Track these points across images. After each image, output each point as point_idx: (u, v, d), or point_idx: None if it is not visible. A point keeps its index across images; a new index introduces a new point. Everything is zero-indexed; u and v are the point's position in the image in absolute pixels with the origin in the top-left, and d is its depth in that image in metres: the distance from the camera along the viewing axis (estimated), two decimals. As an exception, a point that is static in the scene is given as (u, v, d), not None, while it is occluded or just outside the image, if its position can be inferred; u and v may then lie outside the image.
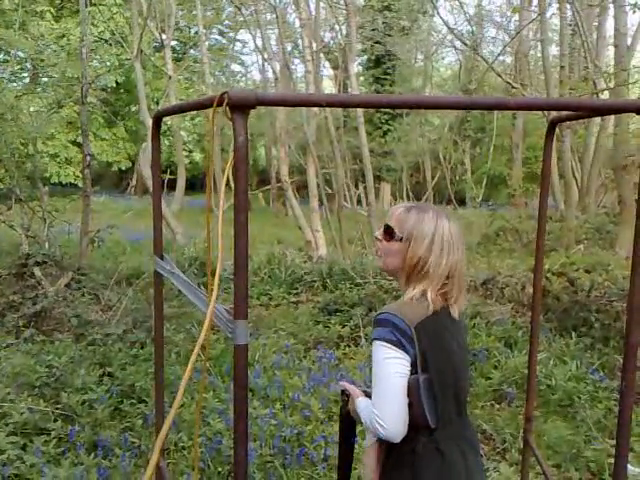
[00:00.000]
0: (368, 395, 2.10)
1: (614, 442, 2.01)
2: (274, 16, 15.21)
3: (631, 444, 4.21)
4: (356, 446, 2.41)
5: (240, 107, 1.43)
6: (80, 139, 12.06)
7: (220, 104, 1.45)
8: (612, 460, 2.02)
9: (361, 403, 2.03)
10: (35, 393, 4.77)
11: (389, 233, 2.03)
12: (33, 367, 5.09)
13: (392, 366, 1.86)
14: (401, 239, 1.99)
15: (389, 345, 1.87)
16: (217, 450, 3.97)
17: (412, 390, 1.87)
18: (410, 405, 1.88)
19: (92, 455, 3.95)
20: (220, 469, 3.86)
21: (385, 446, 2.00)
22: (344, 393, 2.18)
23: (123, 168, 29.23)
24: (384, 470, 2.04)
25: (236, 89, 1.47)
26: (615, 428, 2.00)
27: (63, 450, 4.06)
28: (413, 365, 1.88)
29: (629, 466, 3.87)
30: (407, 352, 1.87)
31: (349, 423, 2.24)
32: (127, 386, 4.99)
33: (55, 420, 4.39)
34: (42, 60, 16.15)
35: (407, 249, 1.98)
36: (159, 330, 2.41)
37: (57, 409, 4.55)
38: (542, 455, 3.46)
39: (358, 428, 2.20)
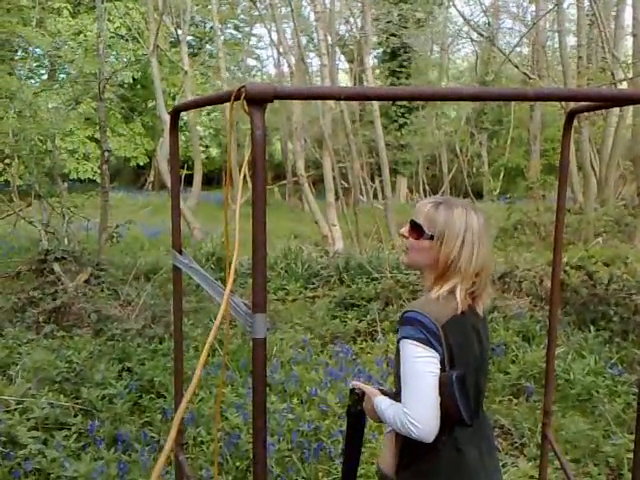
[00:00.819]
0: (384, 393, 2.09)
1: (633, 437, 1.99)
2: (289, 10, 15.20)
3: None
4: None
5: (258, 101, 1.43)
6: (98, 135, 12.13)
7: (238, 98, 1.45)
8: (631, 455, 2.01)
9: (382, 402, 2.00)
10: (55, 388, 4.82)
11: (417, 230, 1.99)
12: (53, 362, 5.14)
13: (423, 365, 1.84)
14: (431, 237, 1.96)
15: (418, 344, 1.85)
16: (235, 445, 4.00)
17: (445, 387, 1.85)
18: (441, 402, 1.85)
19: (112, 450, 4.00)
20: (239, 464, 3.88)
21: (402, 440, 1.99)
22: (353, 392, 2.17)
23: (141, 164, 29.34)
24: (401, 464, 2.03)
25: (253, 83, 1.47)
26: (634, 422, 1.99)
27: (83, 445, 4.11)
28: (441, 363, 1.87)
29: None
30: (436, 350, 1.86)
31: (359, 422, 2.23)
32: (146, 381, 5.04)
33: (75, 415, 4.44)
34: (59, 57, 16.26)
35: (439, 248, 1.95)
36: (178, 324, 2.43)
37: (77, 404, 4.60)
38: (561, 450, 3.45)
39: (373, 424, 2.20)
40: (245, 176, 1.49)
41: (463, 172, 24.27)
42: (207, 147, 34.47)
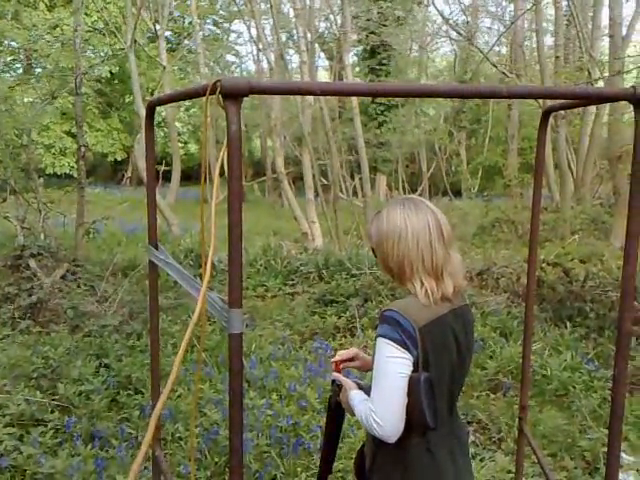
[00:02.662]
0: (361, 387, 2.10)
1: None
2: (268, 6, 15.15)
3: (625, 433, 4.24)
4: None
5: (233, 95, 1.42)
6: (75, 130, 12.01)
7: (213, 92, 1.44)
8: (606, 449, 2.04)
9: (356, 396, 2.01)
10: (31, 384, 4.77)
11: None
12: (29, 358, 5.09)
13: (395, 365, 1.83)
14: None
15: (393, 344, 1.84)
16: (214, 441, 3.98)
17: (412, 388, 1.84)
18: (407, 404, 1.85)
19: (89, 446, 3.96)
20: (217, 459, 3.87)
21: (374, 441, 1.98)
22: (335, 383, 2.18)
23: (118, 159, 29.07)
24: (373, 465, 2.03)
25: (229, 76, 1.46)
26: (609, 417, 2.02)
27: (60, 441, 4.07)
28: (414, 365, 1.86)
29: (623, 454, 3.90)
30: (410, 352, 1.85)
31: (339, 414, 2.24)
32: (124, 377, 5.00)
33: (52, 411, 4.40)
34: (35, 50, 16.06)
35: (383, 256, 1.99)
36: (154, 319, 2.42)
37: (54, 400, 4.56)
38: (537, 444, 3.48)
39: (352, 419, 2.20)
40: (223, 172, 1.48)
41: (442, 170, 24.43)
42: (186, 143, 34.31)
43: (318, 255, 9.55)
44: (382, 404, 1.84)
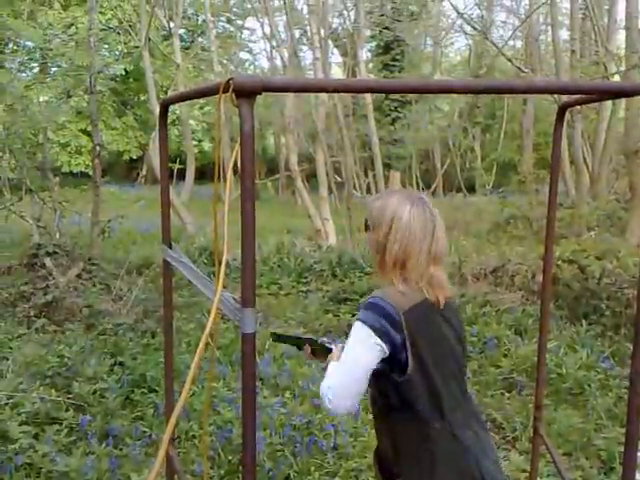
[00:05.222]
0: None
1: (624, 430, 2.00)
2: (282, 2, 15.13)
3: (642, 432, 4.18)
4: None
5: (246, 93, 1.41)
6: (90, 128, 12.07)
7: (226, 90, 1.43)
8: (622, 448, 2.01)
9: (330, 365, 2.02)
10: (47, 383, 4.81)
11: (365, 224, 2.10)
12: (44, 357, 5.13)
13: (363, 350, 1.89)
14: (372, 227, 2.05)
15: (371, 331, 1.89)
16: (228, 439, 3.99)
17: (401, 388, 1.92)
18: (416, 400, 1.92)
19: (103, 444, 3.99)
20: (231, 458, 3.87)
21: (397, 430, 2.00)
22: (327, 347, 2.16)
23: (134, 157, 29.16)
24: (398, 459, 2.02)
25: (242, 74, 1.46)
26: (625, 416, 1.99)
27: (75, 439, 4.10)
28: (402, 346, 1.89)
29: (640, 454, 3.85)
30: (388, 341, 1.88)
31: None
32: (138, 375, 5.02)
33: (67, 409, 4.43)
34: (50, 49, 16.14)
35: (375, 236, 2.03)
36: (168, 318, 2.42)
37: (69, 399, 4.58)
38: (553, 444, 3.45)
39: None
40: (237, 170, 1.47)
41: (456, 166, 24.28)
42: (200, 141, 34.35)
43: (332, 253, 9.54)
44: (337, 379, 1.90)
